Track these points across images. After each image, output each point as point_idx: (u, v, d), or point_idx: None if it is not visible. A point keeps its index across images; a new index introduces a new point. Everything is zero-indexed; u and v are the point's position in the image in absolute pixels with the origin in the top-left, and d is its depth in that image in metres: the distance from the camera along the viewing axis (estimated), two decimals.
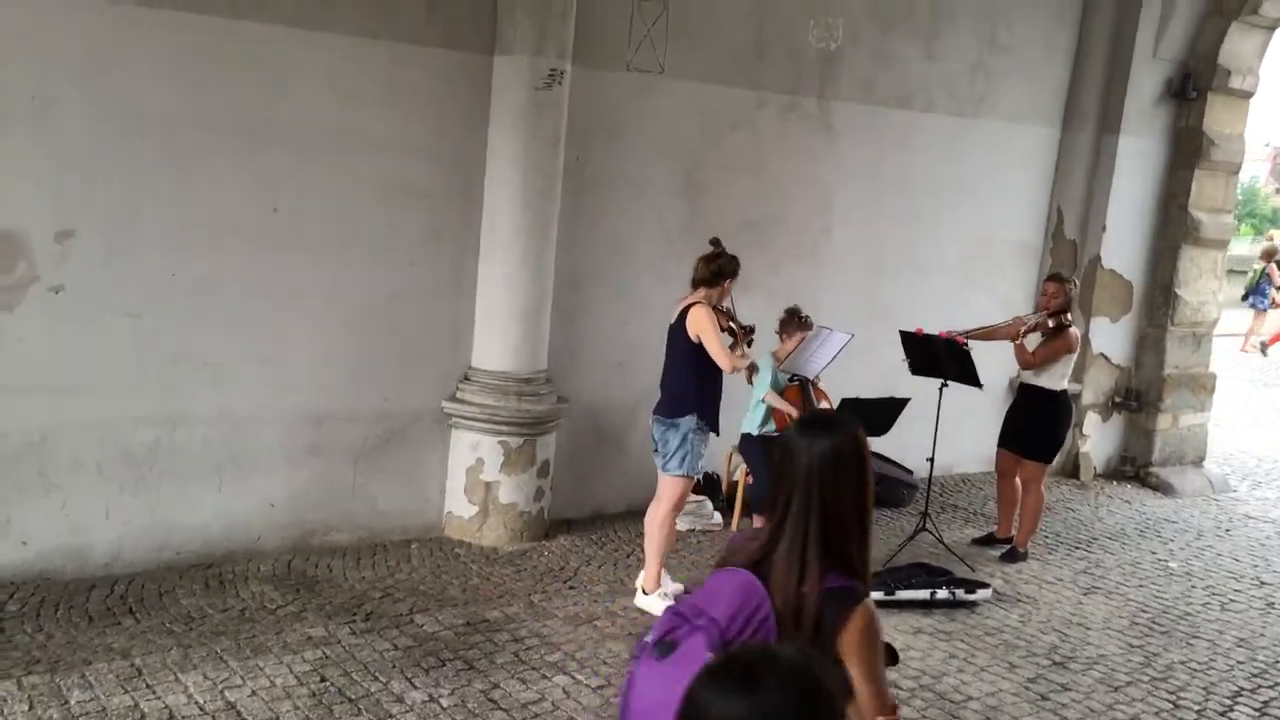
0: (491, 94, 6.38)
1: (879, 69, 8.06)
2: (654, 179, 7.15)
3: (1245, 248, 32.51)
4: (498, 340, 6.55)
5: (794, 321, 7.03)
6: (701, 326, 5.60)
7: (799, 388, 6.98)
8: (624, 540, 6.93)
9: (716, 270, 5.71)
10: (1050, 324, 6.90)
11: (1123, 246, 9.45)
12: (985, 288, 9.00)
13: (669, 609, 2.42)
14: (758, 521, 7.24)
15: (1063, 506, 8.72)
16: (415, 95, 6.19)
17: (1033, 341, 6.99)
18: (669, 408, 5.75)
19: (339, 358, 6.16)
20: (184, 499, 5.79)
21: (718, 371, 5.67)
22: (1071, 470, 9.60)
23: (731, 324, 5.88)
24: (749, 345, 6.01)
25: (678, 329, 5.71)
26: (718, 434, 5.87)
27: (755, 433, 7.13)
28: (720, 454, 7.58)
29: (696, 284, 5.76)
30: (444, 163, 6.34)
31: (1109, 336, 9.59)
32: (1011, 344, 7.11)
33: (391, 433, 6.43)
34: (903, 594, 6.21)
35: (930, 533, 7.08)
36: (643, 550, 6.05)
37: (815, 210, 8.02)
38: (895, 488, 8.18)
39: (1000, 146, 8.95)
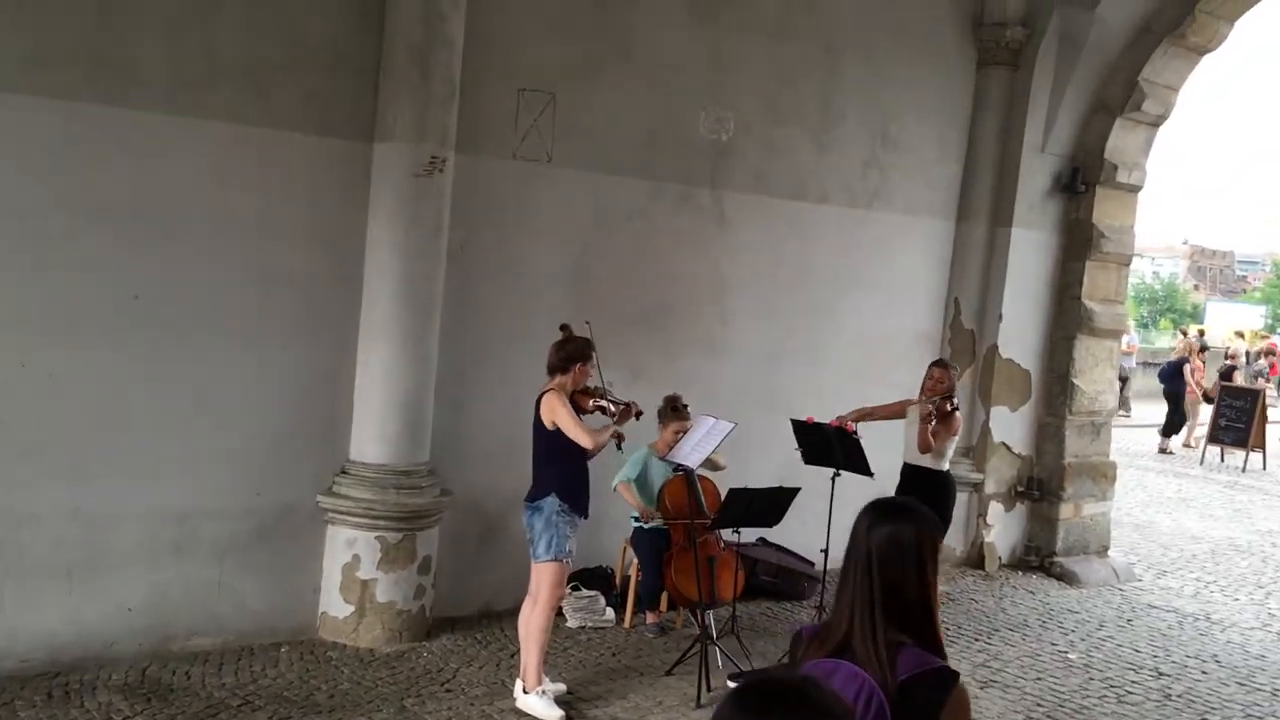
0: (371, 180, 6.28)
1: (771, 161, 8.12)
2: (543, 267, 7.06)
3: (1166, 341, 33.60)
4: (375, 432, 6.34)
5: (670, 411, 6.96)
6: (554, 411, 5.54)
7: (684, 478, 6.86)
8: (510, 639, 6.64)
9: (565, 356, 5.67)
10: (948, 407, 6.94)
11: (1020, 336, 9.55)
12: (884, 376, 8.95)
13: None
14: (650, 618, 7.06)
15: (966, 597, 8.62)
16: (291, 180, 6.07)
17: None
18: (532, 492, 5.68)
19: (205, 450, 5.90)
20: (29, 603, 5.44)
21: (578, 456, 5.59)
22: (976, 560, 9.53)
23: (605, 402, 5.75)
24: (637, 418, 5.89)
25: (535, 417, 5.64)
26: (585, 517, 5.72)
27: (646, 526, 7.00)
28: (615, 547, 7.38)
29: (550, 371, 5.71)
30: (321, 249, 6.20)
31: (1009, 425, 9.62)
32: (901, 425, 7.14)
33: (262, 529, 6.15)
34: None
35: None
36: None
37: (711, 299, 7.98)
38: (796, 580, 8.02)
39: (896, 238, 9.03)
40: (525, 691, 5.64)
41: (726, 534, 6.81)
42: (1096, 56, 9.22)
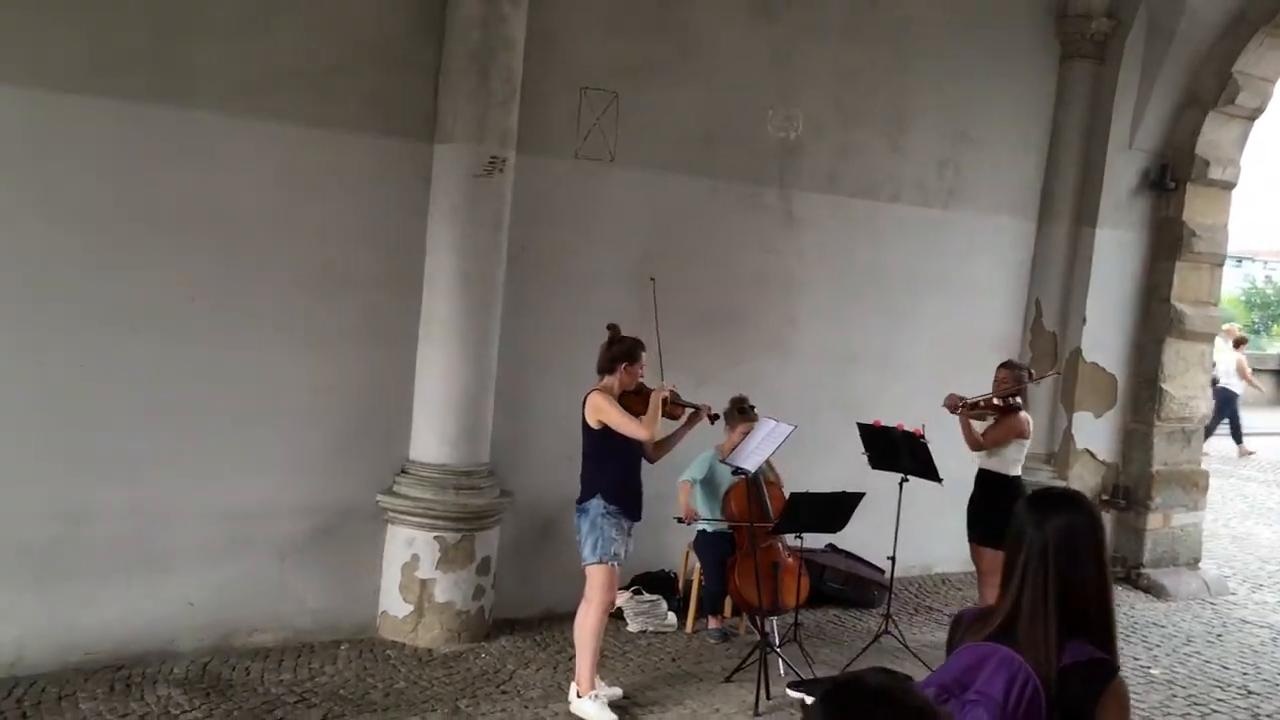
0: (431, 181, 6.29)
1: (842, 159, 7.95)
2: (605, 267, 7.00)
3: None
4: (435, 432, 6.34)
5: (737, 413, 6.83)
6: (599, 409, 5.47)
7: (748, 482, 6.73)
8: (568, 642, 6.52)
9: (612, 356, 5.60)
10: (997, 403, 6.68)
11: (1105, 339, 9.21)
12: (960, 380, 8.67)
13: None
14: (712, 622, 6.94)
15: None
16: (351, 182, 6.10)
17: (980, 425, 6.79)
18: (580, 494, 5.60)
19: (263, 450, 5.96)
20: (89, 598, 5.54)
21: (625, 456, 5.51)
22: None
23: (680, 407, 5.71)
24: (711, 421, 5.86)
25: (582, 418, 5.58)
26: (637, 519, 5.63)
27: (709, 530, 6.89)
28: (678, 551, 7.28)
29: (600, 371, 5.64)
30: (380, 250, 6.22)
31: (1094, 432, 9.28)
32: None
33: (322, 527, 6.19)
34: None
35: (894, 636, 6.73)
36: None
37: (779, 301, 7.84)
38: (865, 588, 7.83)
39: (974, 238, 8.78)
40: (579, 695, 5.58)
41: (790, 539, 6.66)
42: (1187, 48, 8.85)
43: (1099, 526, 2.48)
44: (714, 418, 5.83)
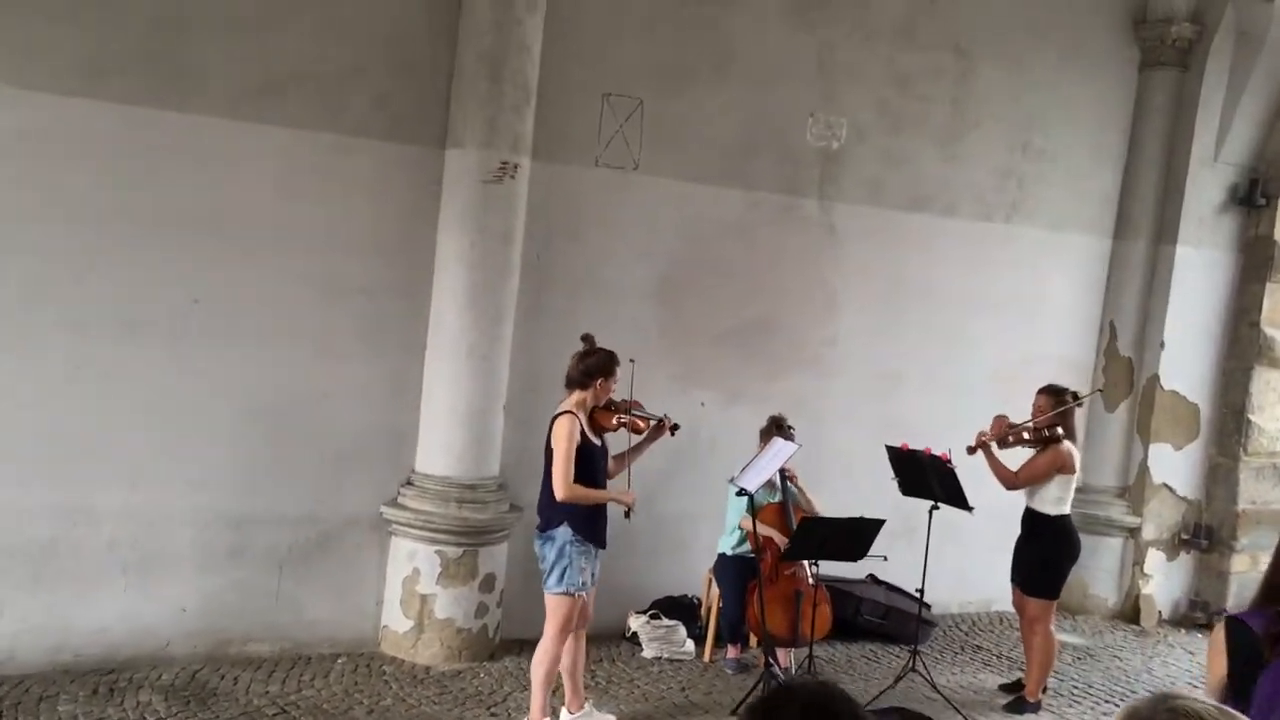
0: (442, 187, 6.16)
1: (889, 170, 7.58)
2: (626, 279, 6.78)
3: None
4: (441, 444, 6.20)
5: (774, 430, 6.48)
6: (556, 439, 5.09)
7: (779, 505, 6.43)
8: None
9: (585, 369, 5.20)
10: (1026, 436, 6.15)
11: (1186, 366, 8.57)
12: (1023, 407, 8.19)
13: None
14: (731, 652, 6.62)
15: (1109, 654, 7.74)
16: (359, 188, 6.02)
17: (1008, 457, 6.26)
18: (542, 520, 5.24)
19: (264, 457, 5.89)
20: (83, 599, 5.54)
21: (590, 483, 5.13)
22: (1131, 614, 8.57)
23: (630, 417, 5.29)
24: (672, 433, 5.40)
25: (546, 439, 5.21)
26: (602, 548, 5.27)
27: (730, 553, 6.59)
28: (699, 575, 6.98)
29: (569, 384, 5.25)
30: (388, 258, 6.12)
31: (1173, 465, 8.64)
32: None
33: (323, 537, 6.10)
34: None
35: (919, 674, 6.30)
36: (595, 674, 5.49)
37: (818, 317, 7.49)
38: (906, 622, 7.37)
39: (1039, 255, 8.28)
40: (570, 712, 5.33)
41: (809, 567, 6.30)
42: (1278, 56, 8.22)
43: None
44: (674, 429, 5.41)
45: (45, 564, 5.46)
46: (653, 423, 5.34)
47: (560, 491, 5.01)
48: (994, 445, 6.18)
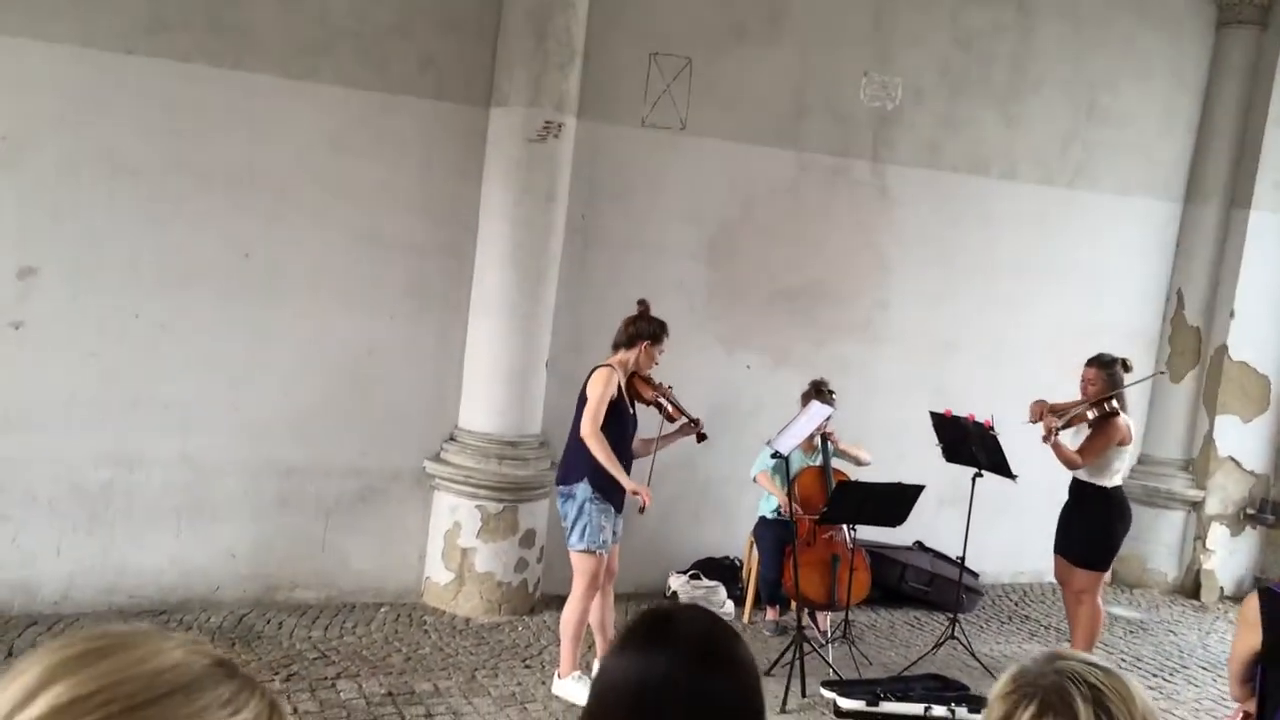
0: (486, 146, 6.21)
1: (946, 132, 7.43)
2: (673, 240, 6.78)
3: None
4: (483, 401, 6.29)
5: (815, 394, 6.44)
6: (591, 385, 5.11)
7: (819, 469, 6.40)
8: (616, 621, 6.42)
9: (635, 332, 5.18)
10: (1090, 415, 5.94)
11: (1257, 336, 8.31)
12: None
13: None
14: (769, 612, 6.64)
15: (1164, 628, 7.59)
16: (405, 146, 6.09)
17: (1069, 438, 6.02)
18: (561, 474, 5.26)
19: (312, 409, 6.03)
20: (138, 542, 5.75)
21: (617, 443, 5.10)
22: (1192, 589, 8.39)
23: (665, 401, 5.30)
24: (699, 440, 5.41)
25: (581, 391, 5.22)
26: (620, 510, 5.24)
27: (770, 516, 6.59)
28: (741, 538, 6.99)
29: (615, 347, 5.26)
30: (433, 216, 6.20)
31: (1240, 438, 8.40)
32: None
33: (369, 490, 6.24)
34: (890, 706, 5.42)
35: (959, 640, 6.25)
36: None
37: (869, 282, 7.41)
38: (951, 590, 7.30)
39: (1104, 220, 8.08)
40: (560, 678, 5.37)
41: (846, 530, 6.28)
42: None
43: None
44: (702, 436, 5.37)
45: (102, 508, 5.68)
46: (686, 419, 5.31)
47: (586, 427, 5.02)
48: (1057, 432, 5.91)
